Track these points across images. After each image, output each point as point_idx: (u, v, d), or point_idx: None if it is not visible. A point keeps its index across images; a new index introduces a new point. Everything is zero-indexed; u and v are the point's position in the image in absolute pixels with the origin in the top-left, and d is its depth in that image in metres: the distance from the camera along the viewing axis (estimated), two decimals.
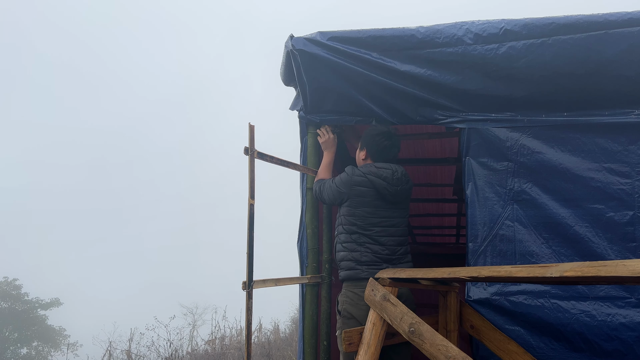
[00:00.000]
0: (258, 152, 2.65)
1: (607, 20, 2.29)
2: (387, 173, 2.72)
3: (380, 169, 2.73)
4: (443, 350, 1.79)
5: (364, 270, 2.62)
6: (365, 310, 2.51)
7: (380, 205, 2.72)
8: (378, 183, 2.69)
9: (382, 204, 2.72)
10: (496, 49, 2.44)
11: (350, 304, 2.62)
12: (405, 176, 2.80)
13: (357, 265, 2.65)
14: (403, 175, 2.78)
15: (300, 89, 2.91)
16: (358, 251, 2.67)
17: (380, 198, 2.71)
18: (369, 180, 2.70)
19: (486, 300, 2.45)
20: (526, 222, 2.47)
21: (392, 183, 2.70)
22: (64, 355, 17.33)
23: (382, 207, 2.72)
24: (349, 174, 2.75)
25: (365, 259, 2.64)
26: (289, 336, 11.05)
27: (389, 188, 2.69)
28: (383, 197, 2.71)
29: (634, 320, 2.21)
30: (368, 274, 2.57)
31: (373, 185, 2.69)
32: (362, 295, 2.55)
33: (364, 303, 2.53)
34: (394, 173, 2.73)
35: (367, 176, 2.70)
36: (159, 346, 9.14)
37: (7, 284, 20.75)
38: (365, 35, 2.64)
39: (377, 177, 2.70)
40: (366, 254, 2.65)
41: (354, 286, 2.64)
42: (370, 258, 2.64)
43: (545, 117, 2.52)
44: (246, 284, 2.46)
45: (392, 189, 2.70)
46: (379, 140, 2.80)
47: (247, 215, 2.54)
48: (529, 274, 1.48)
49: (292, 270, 3.69)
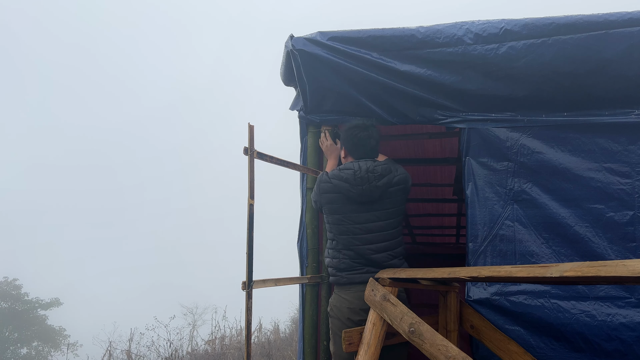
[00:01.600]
0: (258, 152, 2.65)
1: (607, 20, 2.29)
2: (348, 174, 2.58)
3: (342, 171, 2.62)
4: (443, 350, 1.79)
5: (343, 276, 2.64)
6: (344, 312, 2.61)
7: (351, 209, 2.60)
8: (341, 186, 2.59)
9: (353, 207, 2.60)
10: (496, 49, 2.44)
11: (335, 305, 2.68)
12: (376, 172, 2.57)
13: (337, 272, 2.67)
14: (369, 172, 2.56)
15: (300, 89, 2.90)
16: (337, 258, 2.67)
17: (349, 202, 2.60)
18: (333, 185, 2.62)
19: (486, 300, 2.45)
20: (526, 222, 2.47)
21: (355, 183, 2.56)
22: (64, 355, 17.34)
23: (354, 211, 2.60)
24: (317, 182, 2.71)
25: (344, 266, 2.64)
26: (289, 336, 11.05)
27: (353, 189, 2.56)
28: (351, 200, 2.59)
29: (634, 320, 2.21)
30: (347, 280, 2.62)
31: (338, 189, 2.60)
32: (344, 298, 2.62)
33: (345, 305, 2.61)
34: (356, 172, 2.57)
35: (332, 181, 2.62)
36: (159, 346, 9.15)
37: (7, 284, 20.74)
38: (365, 35, 2.64)
39: (340, 180, 2.59)
40: (344, 261, 2.64)
41: (338, 289, 2.70)
42: (348, 264, 2.63)
43: (545, 117, 2.51)
44: (246, 284, 2.46)
45: (356, 189, 2.56)
46: (353, 132, 2.69)
47: (247, 216, 2.54)
48: (529, 274, 1.48)
49: (292, 270, 3.69)
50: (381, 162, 2.66)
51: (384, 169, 2.61)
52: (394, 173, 2.64)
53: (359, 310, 2.56)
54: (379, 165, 2.62)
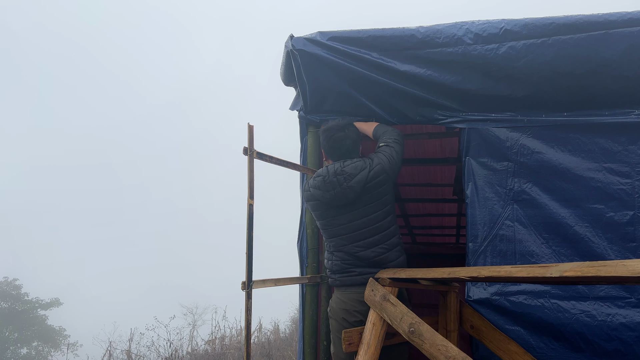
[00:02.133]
0: (257, 152, 2.65)
1: (607, 20, 2.29)
2: (318, 181, 2.59)
3: (315, 178, 2.63)
4: (443, 350, 1.79)
5: (336, 279, 2.68)
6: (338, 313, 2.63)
7: (332, 214, 2.60)
8: (316, 194, 2.60)
9: (332, 212, 2.60)
10: (496, 49, 2.44)
11: (332, 305, 2.71)
12: (345, 172, 2.49)
13: (331, 274, 2.73)
14: (338, 175, 2.50)
15: (300, 89, 2.90)
16: (330, 260, 2.72)
17: (327, 207, 2.60)
18: (311, 193, 2.64)
19: (486, 300, 2.45)
20: (526, 222, 2.47)
21: (326, 189, 2.54)
22: (64, 355, 17.34)
23: (335, 215, 2.60)
24: (301, 190, 2.77)
25: (336, 268, 2.68)
26: (289, 336, 11.05)
27: (325, 195, 2.55)
28: (327, 205, 2.59)
29: (634, 320, 2.21)
30: (340, 282, 2.67)
31: (315, 197, 2.62)
32: (340, 299, 2.65)
33: (340, 306, 2.63)
34: (325, 178, 2.55)
35: (310, 189, 2.65)
36: (159, 346, 9.15)
37: (7, 284, 20.74)
38: (365, 35, 2.64)
39: (314, 188, 2.60)
40: (336, 263, 2.68)
41: (335, 290, 2.74)
42: (340, 266, 2.66)
43: (545, 117, 2.51)
44: (245, 284, 2.46)
45: (328, 194, 2.54)
46: (329, 134, 2.66)
47: (247, 216, 2.54)
48: (529, 274, 1.48)
49: (292, 270, 3.69)
50: (353, 161, 2.56)
51: (354, 167, 2.51)
52: (368, 168, 2.51)
53: (353, 311, 2.57)
54: (349, 165, 2.53)
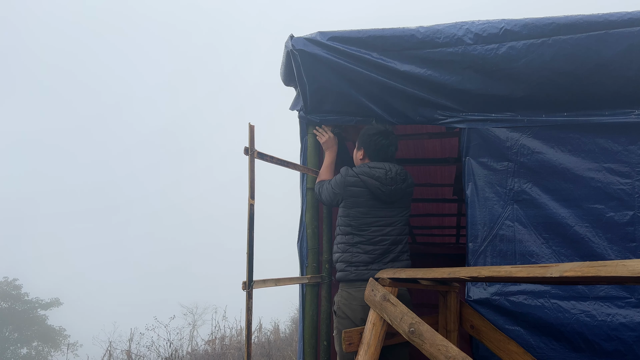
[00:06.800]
0: (258, 152, 2.65)
1: (607, 20, 2.29)
2: (380, 172, 2.70)
3: (373, 169, 2.72)
4: (443, 350, 1.79)
5: (352, 272, 2.67)
6: (357, 311, 2.61)
7: (374, 205, 2.71)
8: (370, 183, 2.68)
9: (377, 203, 2.71)
10: (496, 49, 2.44)
11: (344, 304, 2.67)
12: (402, 175, 2.77)
13: (347, 267, 2.70)
14: (398, 174, 2.74)
15: (300, 89, 2.91)
16: (350, 252, 2.71)
17: (374, 198, 2.70)
18: (361, 180, 2.70)
19: (486, 300, 2.45)
20: (526, 222, 2.47)
21: (386, 182, 2.69)
22: (64, 355, 17.33)
23: (377, 206, 2.72)
24: (342, 175, 2.76)
25: (357, 260, 2.67)
26: (289, 336, 11.05)
27: (382, 188, 2.68)
28: (377, 196, 2.70)
29: (634, 320, 2.21)
30: (356, 276, 2.65)
31: (366, 185, 2.69)
32: (355, 295, 2.63)
33: (356, 303, 2.61)
34: (388, 172, 2.71)
35: (360, 176, 2.70)
36: (159, 346, 9.13)
37: (7, 284, 20.76)
38: (365, 35, 2.64)
39: (370, 177, 2.69)
40: (357, 255, 2.68)
41: (347, 286, 2.71)
42: (362, 258, 2.67)
43: (545, 117, 2.51)
44: (246, 284, 2.46)
45: (385, 188, 2.68)
46: (376, 139, 2.79)
47: (247, 215, 2.54)
48: (529, 274, 1.48)
49: (292, 270, 3.69)
50: (401, 167, 2.85)
51: (405, 173, 2.82)
52: (409, 178, 2.85)
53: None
54: (402, 170, 2.82)
